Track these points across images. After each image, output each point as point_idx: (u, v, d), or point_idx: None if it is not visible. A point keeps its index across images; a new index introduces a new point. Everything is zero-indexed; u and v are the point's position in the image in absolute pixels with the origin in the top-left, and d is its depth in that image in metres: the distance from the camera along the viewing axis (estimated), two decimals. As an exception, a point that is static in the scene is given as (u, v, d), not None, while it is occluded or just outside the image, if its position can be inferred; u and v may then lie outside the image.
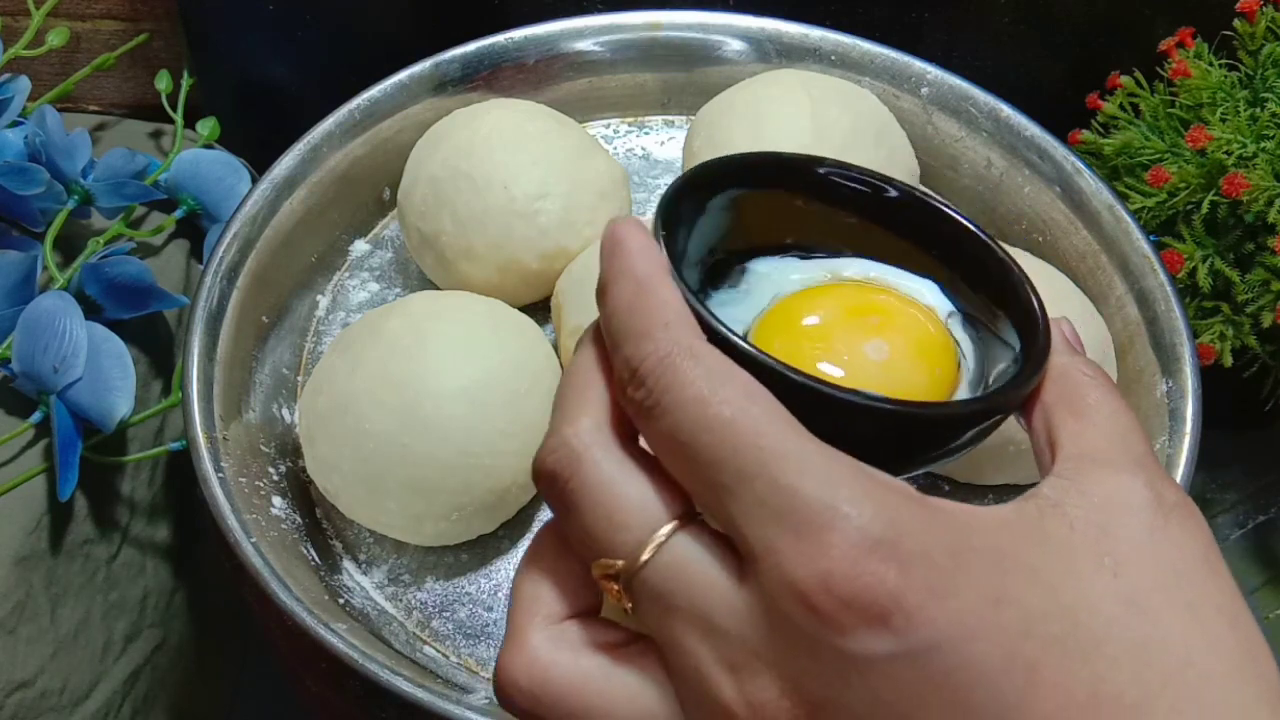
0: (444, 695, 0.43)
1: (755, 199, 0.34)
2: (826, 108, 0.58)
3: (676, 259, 0.30)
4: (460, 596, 0.50)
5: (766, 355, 0.28)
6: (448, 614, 0.50)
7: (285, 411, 0.55)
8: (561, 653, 0.28)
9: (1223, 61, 0.65)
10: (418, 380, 0.48)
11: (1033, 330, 0.32)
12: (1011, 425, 0.32)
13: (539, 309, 0.56)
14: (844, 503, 0.25)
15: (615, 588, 0.27)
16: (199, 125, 0.72)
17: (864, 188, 0.34)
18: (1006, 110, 0.61)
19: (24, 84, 0.66)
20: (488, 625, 0.49)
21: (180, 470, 0.65)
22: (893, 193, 0.34)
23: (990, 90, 0.62)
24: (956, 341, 0.34)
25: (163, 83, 0.71)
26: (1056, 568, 0.26)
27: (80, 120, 0.72)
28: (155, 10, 0.76)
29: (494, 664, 0.48)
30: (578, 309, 0.52)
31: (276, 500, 0.51)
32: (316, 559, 0.50)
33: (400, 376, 0.48)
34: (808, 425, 0.27)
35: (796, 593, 0.25)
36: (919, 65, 0.63)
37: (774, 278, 0.35)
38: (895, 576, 0.24)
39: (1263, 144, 0.59)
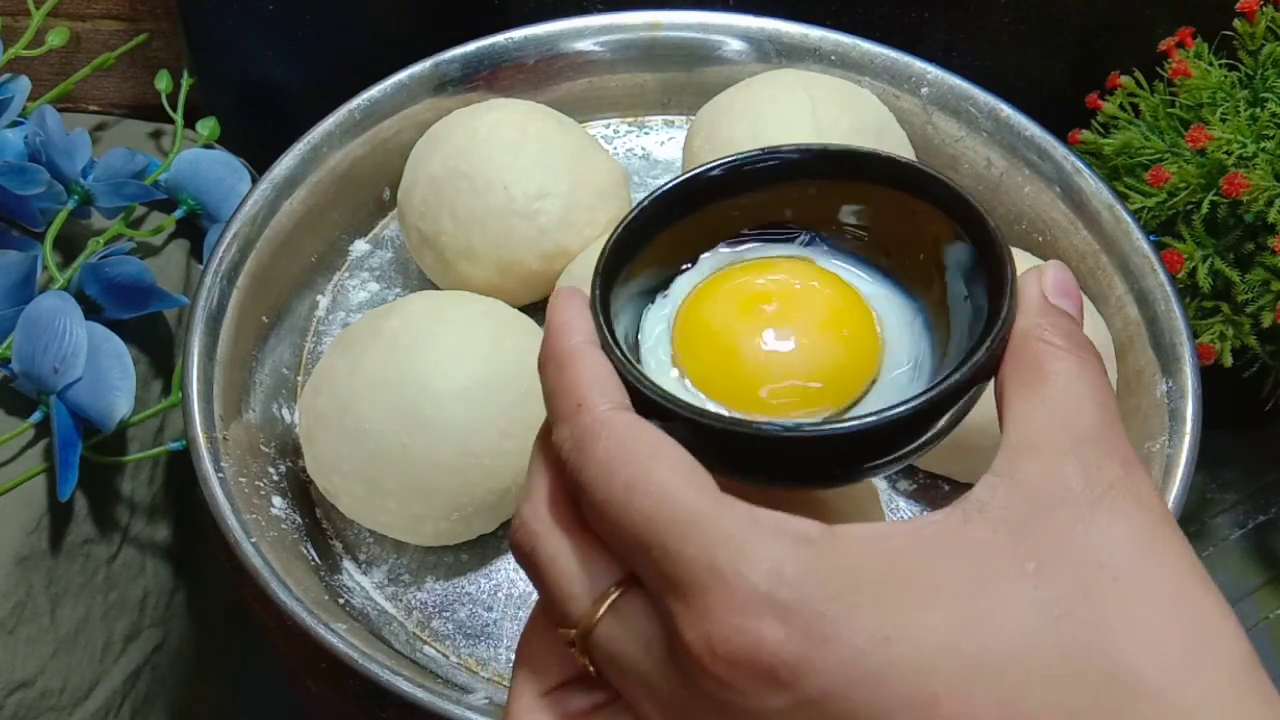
0: (444, 695, 0.43)
1: (683, 225, 0.34)
2: (827, 108, 0.58)
3: (609, 305, 0.31)
4: (460, 596, 0.50)
5: (672, 401, 0.29)
6: (448, 614, 0.50)
7: (285, 411, 0.55)
8: None
9: (1223, 61, 0.65)
10: (417, 380, 0.48)
11: (999, 292, 0.29)
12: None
13: (539, 309, 0.56)
14: (723, 562, 0.25)
15: (573, 651, 0.28)
16: (199, 125, 0.72)
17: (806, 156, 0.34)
18: (1006, 110, 0.61)
19: (24, 84, 0.66)
20: (487, 625, 0.49)
21: (180, 470, 0.65)
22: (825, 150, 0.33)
23: (990, 90, 0.62)
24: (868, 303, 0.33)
25: (163, 83, 0.71)
26: (968, 583, 0.25)
27: (80, 120, 0.72)
28: (155, 10, 0.76)
29: (494, 664, 0.48)
30: (578, 309, 0.52)
31: (276, 500, 0.51)
32: (316, 559, 0.50)
33: (400, 376, 0.48)
34: (730, 459, 0.28)
35: (690, 656, 0.25)
36: (919, 65, 0.63)
37: (690, 278, 0.35)
38: (774, 630, 0.24)
39: (1263, 144, 0.59)
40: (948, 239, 0.32)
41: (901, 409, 0.28)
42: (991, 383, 0.29)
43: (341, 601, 0.48)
